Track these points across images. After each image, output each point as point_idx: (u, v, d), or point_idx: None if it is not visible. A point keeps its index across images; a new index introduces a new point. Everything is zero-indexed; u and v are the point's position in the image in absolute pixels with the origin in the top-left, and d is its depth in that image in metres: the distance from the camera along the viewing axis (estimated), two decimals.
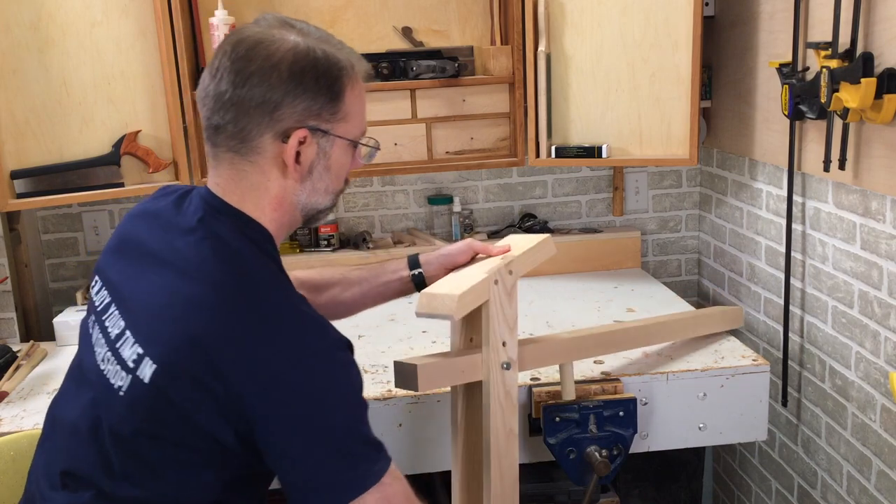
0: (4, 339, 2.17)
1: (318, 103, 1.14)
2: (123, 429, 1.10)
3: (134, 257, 1.20)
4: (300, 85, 1.12)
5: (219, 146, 1.16)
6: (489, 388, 1.43)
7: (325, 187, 1.21)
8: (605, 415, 1.66)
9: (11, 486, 1.44)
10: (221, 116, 1.14)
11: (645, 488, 2.54)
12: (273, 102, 1.12)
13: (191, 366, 1.05)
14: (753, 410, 1.80)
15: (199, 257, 1.12)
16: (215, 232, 1.14)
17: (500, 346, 1.43)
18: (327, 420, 1.07)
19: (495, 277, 1.41)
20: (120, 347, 1.13)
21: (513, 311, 1.44)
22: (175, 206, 1.21)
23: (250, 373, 1.05)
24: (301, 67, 1.12)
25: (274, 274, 1.16)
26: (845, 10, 1.68)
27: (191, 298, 1.08)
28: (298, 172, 1.17)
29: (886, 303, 1.71)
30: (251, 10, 2.28)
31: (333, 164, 1.20)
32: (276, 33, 1.15)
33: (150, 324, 1.11)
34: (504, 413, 1.45)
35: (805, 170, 1.95)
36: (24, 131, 2.08)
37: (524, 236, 1.56)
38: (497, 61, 2.27)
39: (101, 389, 1.14)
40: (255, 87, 1.11)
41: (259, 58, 1.12)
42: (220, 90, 1.13)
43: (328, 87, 1.14)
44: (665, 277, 2.68)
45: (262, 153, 1.14)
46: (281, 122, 1.13)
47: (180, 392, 1.06)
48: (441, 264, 1.50)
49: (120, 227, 1.29)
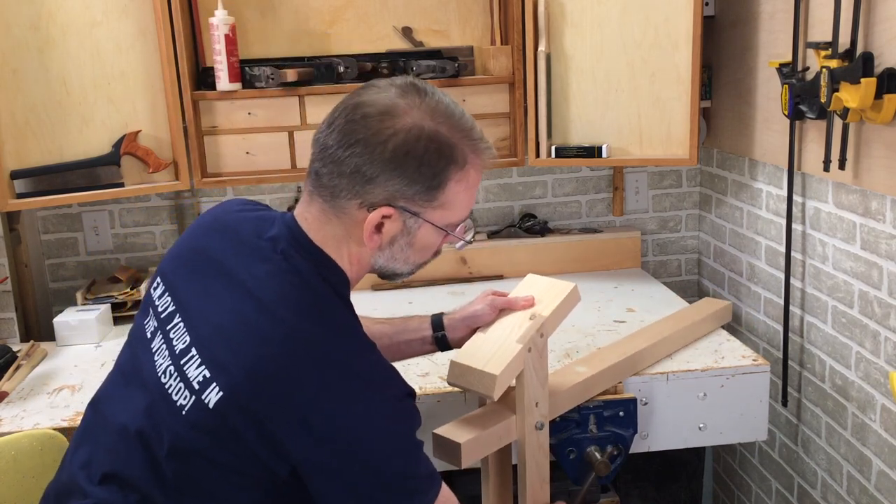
0: (4, 339, 2.17)
1: (412, 188, 1.14)
2: (182, 446, 1.10)
3: (207, 272, 1.20)
4: (399, 168, 1.12)
5: (314, 189, 1.18)
6: (524, 448, 1.44)
7: (404, 259, 1.22)
8: (605, 415, 1.66)
9: (12, 486, 1.44)
10: (321, 166, 1.16)
11: (645, 488, 2.55)
12: (367, 176, 1.12)
13: (255, 401, 1.06)
14: (753, 410, 1.80)
15: (278, 291, 1.12)
16: (296, 267, 1.15)
17: (534, 406, 1.43)
18: (382, 473, 1.09)
19: (529, 346, 1.39)
20: (185, 365, 1.12)
21: (544, 371, 1.43)
22: (256, 228, 1.22)
23: (312, 421, 1.06)
24: (406, 151, 1.12)
25: (346, 320, 1.17)
26: (845, 10, 1.68)
27: (265, 334, 1.09)
28: (375, 242, 1.18)
29: (886, 303, 1.71)
30: (251, 10, 2.28)
31: (417, 243, 1.20)
32: (401, 104, 1.13)
33: (218, 349, 1.11)
34: (539, 468, 1.46)
35: (805, 170, 1.95)
36: (24, 131, 2.08)
37: (544, 280, 1.52)
38: (497, 61, 2.27)
39: (160, 402, 1.13)
40: (357, 155, 1.12)
41: (371, 129, 1.12)
42: (327, 142, 1.15)
43: (430, 176, 1.14)
44: (665, 277, 2.68)
45: (348, 214, 1.16)
46: (370, 194, 1.14)
47: (243, 423, 1.06)
48: (466, 326, 1.48)
49: (192, 234, 1.29)
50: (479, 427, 1.40)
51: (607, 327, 2.07)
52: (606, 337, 1.97)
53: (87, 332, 2.12)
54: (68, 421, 1.68)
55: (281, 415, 1.06)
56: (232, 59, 2.16)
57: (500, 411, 1.45)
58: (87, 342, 2.12)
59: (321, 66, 2.21)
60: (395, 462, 1.11)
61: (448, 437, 1.36)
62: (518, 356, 1.37)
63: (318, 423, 1.06)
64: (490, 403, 1.47)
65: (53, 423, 1.67)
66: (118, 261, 2.51)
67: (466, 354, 1.40)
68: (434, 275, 2.49)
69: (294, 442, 1.06)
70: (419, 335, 1.50)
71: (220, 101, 2.20)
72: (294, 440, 1.06)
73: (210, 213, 1.31)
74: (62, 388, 1.86)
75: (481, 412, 1.46)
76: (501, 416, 1.43)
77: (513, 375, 1.38)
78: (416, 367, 1.78)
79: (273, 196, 2.51)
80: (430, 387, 1.72)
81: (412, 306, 2.29)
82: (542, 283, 1.52)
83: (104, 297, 2.26)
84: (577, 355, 1.87)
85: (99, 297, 2.27)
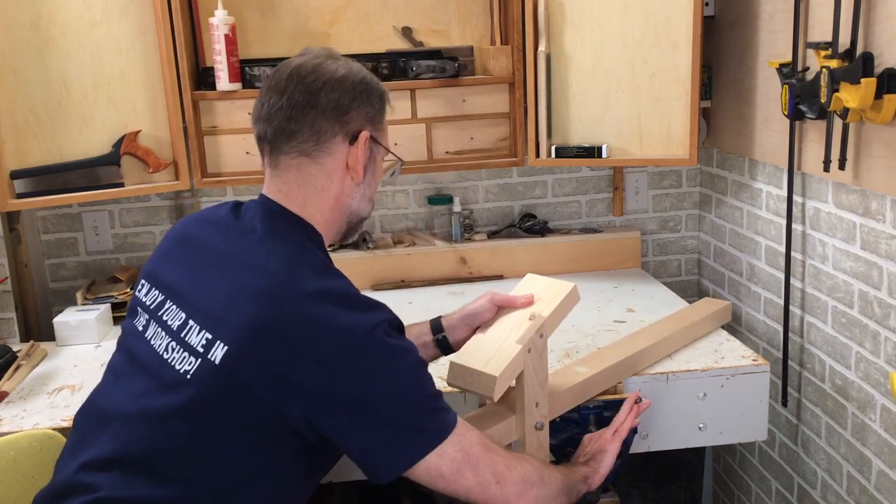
0: (4, 339, 2.17)
1: (373, 111, 1.31)
2: (190, 411, 1.14)
3: (195, 255, 1.29)
4: (363, 94, 1.29)
5: (288, 153, 1.28)
6: (524, 449, 1.44)
7: (370, 194, 1.36)
8: (605, 415, 1.66)
9: (11, 486, 1.44)
10: (297, 122, 1.26)
11: (645, 488, 2.55)
12: (344, 105, 1.27)
13: (262, 348, 1.12)
14: (753, 410, 1.80)
15: (265, 251, 1.22)
16: (276, 229, 1.26)
17: (534, 407, 1.43)
18: (401, 394, 1.16)
19: (528, 346, 1.39)
20: (186, 336, 1.19)
21: (544, 372, 1.43)
22: (232, 214, 1.32)
23: (322, 355, 1.12)
24: (361, 79, 1.30)
25: (330, 265, 1.27)
26: (845, 10, 1.68)
27: (259, 286, 1.16)
28: (359, 174, 1.30)
29: (886, 303, 1.71)
30: (251, 10, 2.29)
31: (377, 171, 1.35)
32: (329, 61, 1.30)
33: (216, 310, 1.18)
34: None
35: (805, 170, 1.95)
36: (24, 131, 2.08)
37: (543, 280, 1.53)
38: (497, 61, 2.27)
39: (164, 377, 1.18)
40: (330, 93, 1.26)
41: (326, 74, 1.28)
42: (293, 101, 1.26)
43: (379, 99, 1.33)
44: (665, 277, 2.68)
45: (331, 154, 1.28)
46: (349, 124, 1.28)
47: (252, 373, 1.12)
48: (466, 325, 1.50)
49: (175, 233, 1.38)
50: (479, 427, 1.39)
51: (607, 327, 2.07)
52: (606, 337, 1.97)
53: (87, 332, 2.12)
54: (68, 421, 1.68)
55: (290, 355, 1.11)
56: (232, 59, 2.17)
57: (499, 412, 1.45)
58: (87, 342, 2.13)
59: None
60: (407, 378, 1.17)
61: None
62: (518, 357, 1.37)
63: (325, 353, 1.12)
64: (490, 404, 1.47)
65: (53, 423, 1.67)
66: (118, 261, 2.51)
67: (466, 355, 1.40)
68: (434, 275, 2.49)
69: (308, 379, 1.11)
70: (420, 341, 1.51)
71: (220, 101, 2.20)
72: (308, 377, 1.11)
73: (183, 218, 1.42)
74: (62, 388, 1.86)
75: (481, 412, 1.46)
76: (501, 417, 1.43)
77: (513, 376, 1.38)
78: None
79: None
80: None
81: (412, 306, 2.29)
82: (541, 282, 1.52)
83: (104, 297, 2.27)
84: (577, 355, 1.87)
85: (99, 297, 2.27)
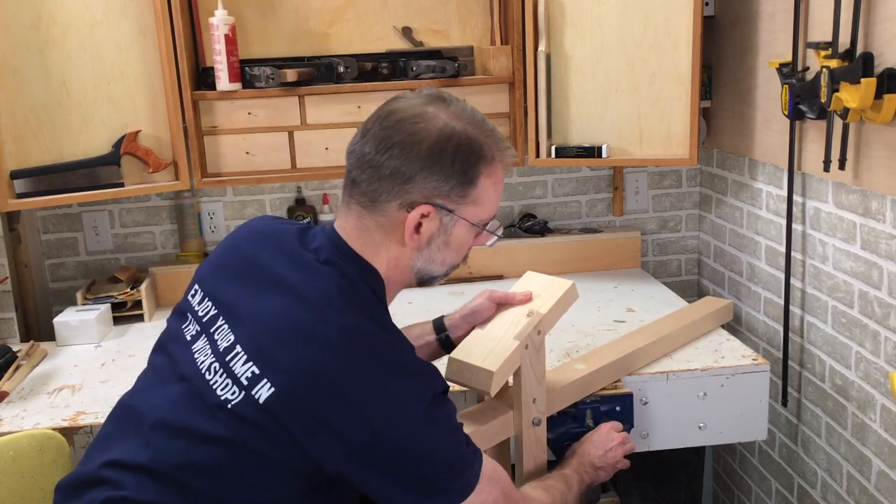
0: (4, 339, 2.17)
1: (448, 184, 1.21)
2: (223, 435, 1.13)
3: (251, 277, 1.24)
4: (434, 165, 1.19)
5: (352, 197, 1.24)
6: (521, 444, 1.44)
7: (441, 259, 1.28)
8: (602, 409, 1.66)
9: (11, 486, 1.44)
10: (359, 174, 1.22)
11: (645, 488, 2.54)
12: (406, 175, 1.19)
13: (310, 396, 1.10)
14: (753, 410, 1.80)
15: (324, 291, 1.17)
16: (341, 272, 1.21)
17: (531, 402, 1.43)
18: (435, 457, 1.14)
19: (526, 343, 1.39)
20: (231, 362, 1.16)
21: (542, 368, 1.44)
22: (299, 239, 1.28)
23: (368, 412, 1.10)
24: (440, 149, 1.19)
25: (387, 318, 1.23)
26: (845, 10, 1.68)
27: (314, 331, 1.13)
28: (415, 242, 1.24)
29: (886, 303, 1.71)
30: (251, 10, 2.28)
31: (453, 241, 1.26)
32: (429, 110, 1.22)
33: (267, 345, 1.14)
34: (536, 461, 1.47)
35: (805, 170, 1.95)
36: (24, 131, 2.08)
37: (542, 278, 1.53)
38: (497, 61, 2.27)
39: (203, 395, 1.16)
40: (395, 158, 1.19)
41: (405, 132, 1.20)
42: (363, 150, 1.22)
43: (463, 171, 1.21)
44: (665, 277, 2.68)
45: (387, 216, 1.22)
46: (409, 194, 1.20)
47: (293, 418, 1.10)
48: (468, 323, 1.51)
49: (233, 243, 1.34)
50: (477, 422, 1.41)
51: (607, 327, 2.07)
52: (606, 337, 1.97)
53: (86, 332, 2.12)
54: (68, 421, 1.68)
55: (336, 409, 1.09)
56: (232, 59, 2.16)
57: (497, 407, 1.45)
58: (86, 342, 2.13)
59: (321, 66, 2.21)
60: (444, 446, 1.15)
61: None
62: (515, 353, 1.37)
63: (374, 414, 1.10)
64: (488, 399, 1.47)
65: (53, 423, 1.67)
66: (118, 261, 2.51)
67: (464, 351, 1.41)
68: None
69: (350, 434, 1.09)
70: (423, 341, 1.52)
71: (220, 101, 2.20)
72: (350, 433, 1.09)
73: (247, 225, 1.37)
74: (62, 388, 1.86)
75: (479, 408, 1.47)
76: (499, 412, 1.44)
77: (510, 372, 1.38)
78: None
79: (273, 196, 2.51)
80: None
81: (412, 306, 2.28)
82: (540, 280, 1.53)
83: (104, 297, 2.26)
84: (576, 355, 1.86)
85: (99, 297, 2.27)
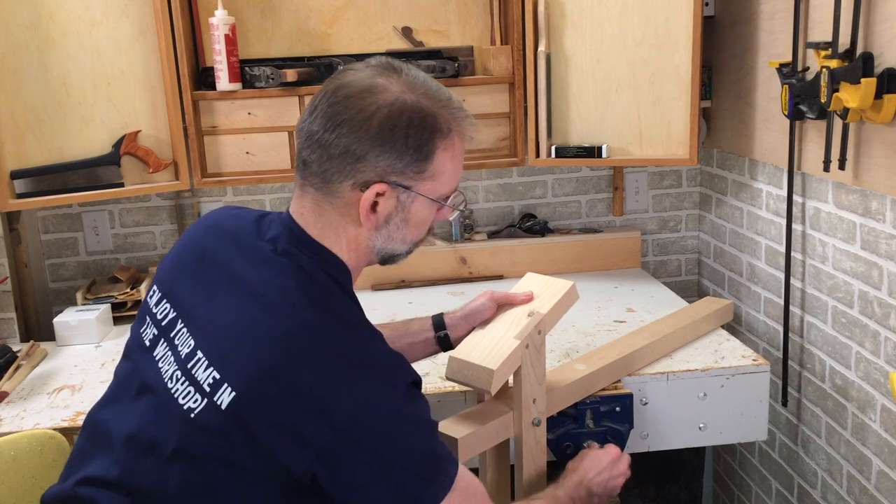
0: (4, 339, 2.17)
1: (402, 161, 1.15)
2: (192, 449, 1.10)
3: (208, 276, 1.20)
4: (387, 142, 1.13)
5: (305, 179, 1.19)
6: (521, 445, 1.44)
7: (401, 237, 1.23)
8: (602, 410, 1.66)
9: (11, 486, 1.44)
10: (309, 154, 1.17)
11: (645, 488, 2.54)
12: (356, 154, 1.14)
13: (271, 397, 1.06)
14: (753, 410, 1.80)
15: (282, 288, 1.13)
16: (299, 264, 1.16)
17: (531, 403, 1.43)
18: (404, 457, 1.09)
19: (526, 342, 1.39)
20: (192, 369, 1.12)
21: (542, 368, 1.43)
22: (255, 229, 1.23)
23: (330, 412, 1.05)
24: (392, 124, 1.13)
25: (352, 311, 1.18)
26: (845, 10, 1.68)
27: (273, 331, 1.09)
28: (372, 222, 1.18)
29: (886, 303, 1.71)
30: (251, 10, 2.28)
31: (413, 218, 1.21)
32: (379, 82, 1.15)
33: (226, 349, 1.10)
34: (535, 462, 1.46)
35: (805, 170, 1.95)
36: (24, 131, 2.08)
37: (542, 279, 1.53)
38: (497, 61, 2.27)
39: (168, 407, 1.13)
40: (344, 136, 1.13)
41: (354, 108, 1.14)
42: (312, 129, 1.16)
43: (417, 147, 1.15)
44: (665, 277, 2.68)
45: (342, 197, 1.17)
46: (362, 173, 1.15)
47: (258, 421, 1.06)
48: (468, 323, 1.49)
49: (190, 239, 1.29)
50: (477, 423, 1.40)
51: (607, 327, 2.07)
52: (606, 337, 1.97)
53: (87, 332, 2.12)
54: (68, 421, 1.68)
55: (299, 409, 1.05)
56: (232, 59, 2.16)
57: (497, 407, 1.45)
58: (87, 342, 2.13)
59: (321, 66, 2.21)
60: (415, 445, 1.11)
61: (445, 432, 1.36)
62: (515, 352, 1.37)
63: (337, 412, 1.05)
64: (488, 400, 1.48)
65: (53, 423, 1.67)
66: (118, 261, 2.51)
67: (464, 350, 1.41)
68: (434, 275, 2.49)
69: (314, 434, 1.05)
70: (421, 337, 1.51)
71: (220, 101, 2.20)
72: (314, 432, 1.05)
73: (204, 219, 1.32)
74: (62, 388, 1.86)
75: (479, 408, 1.47)
76: (499, 412, 1.43)
77: (510, 371, 1.38)
78: (416, 366, 1.77)
79: (273, 196, 2.52)
80: (431, 386, 1.72)
81: (412, 306, 2.29)
82: (540, 281, 1.53)
83: (104, 297, 2.27)
84: (576, 355, 1.87)
85: (99, 297, 2.27)
